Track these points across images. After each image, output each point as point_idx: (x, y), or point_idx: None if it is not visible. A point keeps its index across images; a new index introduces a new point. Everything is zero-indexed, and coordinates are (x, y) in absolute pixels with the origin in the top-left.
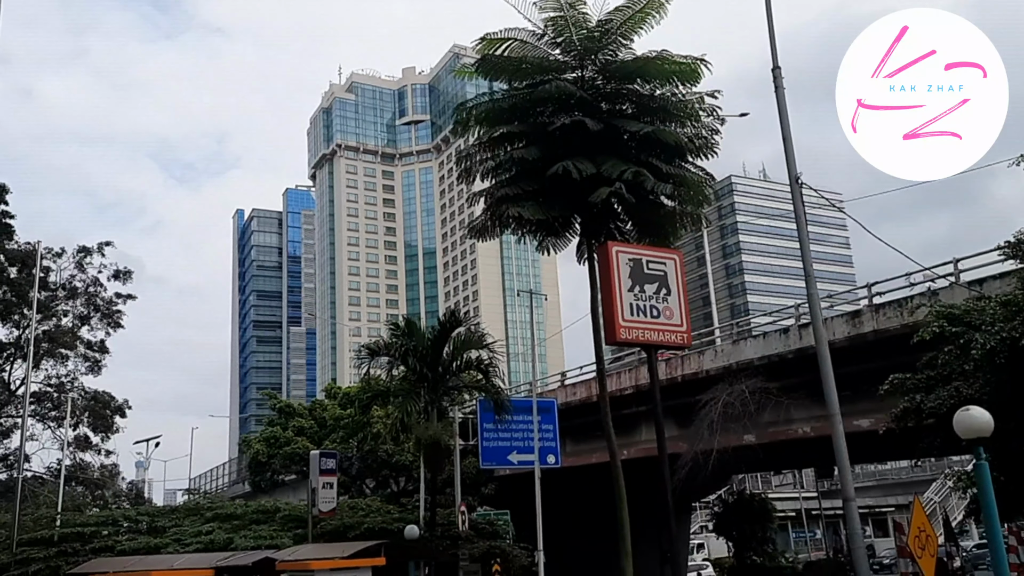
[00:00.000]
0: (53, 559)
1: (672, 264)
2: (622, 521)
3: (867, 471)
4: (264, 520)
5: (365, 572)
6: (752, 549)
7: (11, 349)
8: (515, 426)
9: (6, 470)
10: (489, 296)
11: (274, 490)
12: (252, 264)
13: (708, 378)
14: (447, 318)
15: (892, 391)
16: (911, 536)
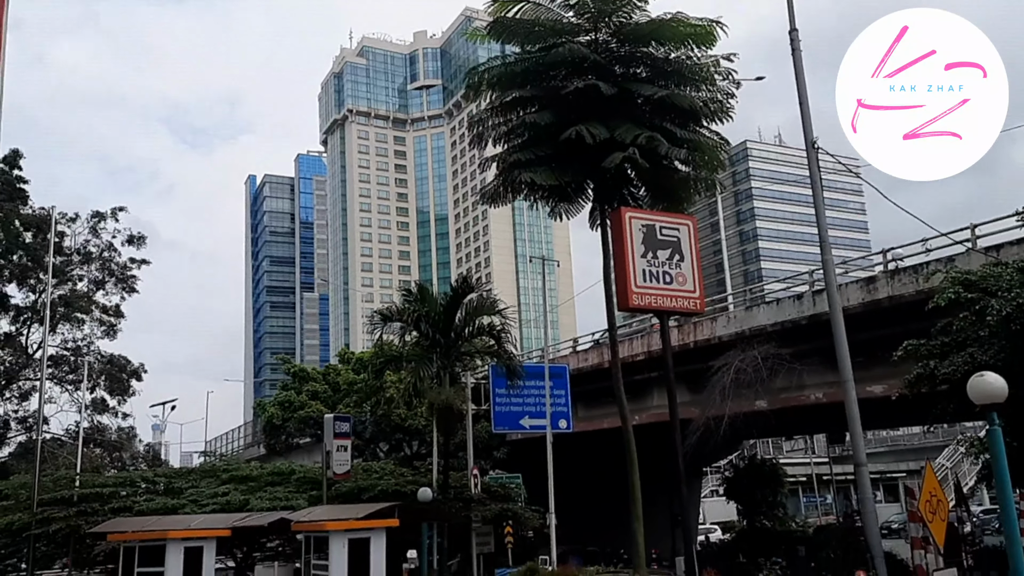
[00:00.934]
0: (73, 518)
1: (685, 230)
2: (633, 485)
3: (879, 437)
4: (279, 482)
5: (379, 533)
6: (762, 513)
7: (28, 313)
8: (527, 391)
9: (25, 432)
10: (501, 262)
11: (289, 453)
12: (265, 230)
13: (721, 344)
14: (459, 284)
15: (906, 357)
16: (922, 500)
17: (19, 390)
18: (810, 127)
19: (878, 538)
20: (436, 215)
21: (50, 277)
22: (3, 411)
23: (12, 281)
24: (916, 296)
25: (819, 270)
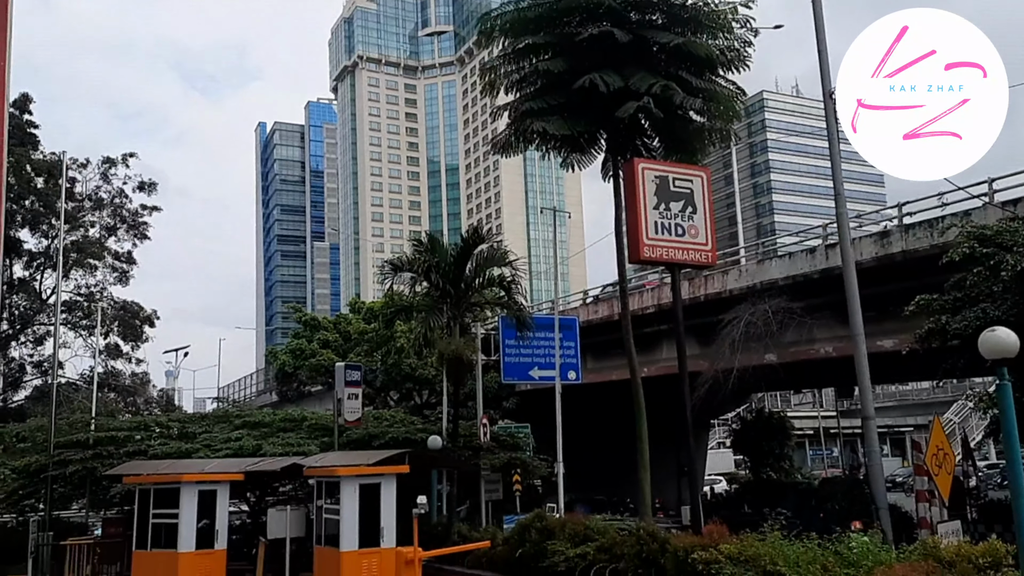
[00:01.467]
0: (89, 461)
1: (699, 182)
2: (641, 436)
3: (887, 391)
4: (291, 428)
5: (389, 479)
6: (768, 465)
7: (41, 259)
8: (537, 343)
9: (41, 376)
10: (512, 214)
11: (301, 400)
12: (275, 178)
13: (731, 298)
14: (470, 235)
15: (918, 312)
16: (929, 454)
17: (34, 335)
18: (828, 76)
19: (883, 490)
20: (447, 165)
21: (62, 223)
22: (19, 355)
23: (25, 226)
24: (930, 251)
25: (833, 224)
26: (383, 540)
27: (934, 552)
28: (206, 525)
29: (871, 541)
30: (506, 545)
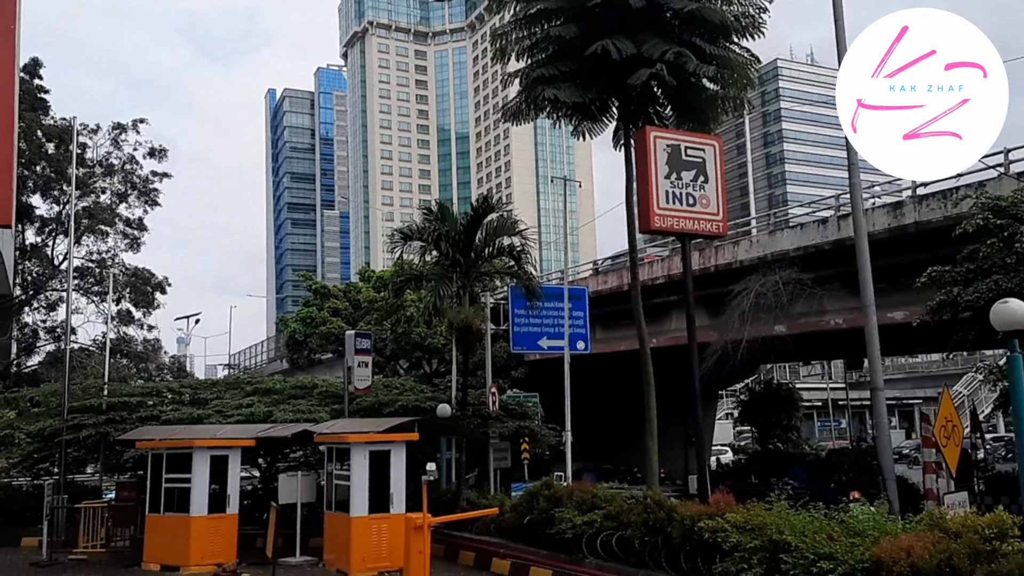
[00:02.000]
0: (102, 426)
1: (711, 151)
2: (649, 405)
3: (897, 364)
4: (302, 395)
5: (399, 446)
6: (776, 436)
7: (53, 224)
8: (546, 312)
9: (54, 342)
10: (522, 183)
11: (311, 368)
12: (285, 146)
13: (742, 268)
14: (480, 203)
15: (929, 284)
16: (937, 426)
17: (47, 300)
18: (844, 44)
19: (891, 461)
20: (457, 133)
21: (73, 188)
22: (32, 321)
23: (36, 192)
24: (943, 222)
25: (846, 194)
26: (392, 506)
27: (940, 522)
28: (218, 490)
29: (877, 511)
30: (514, 512)
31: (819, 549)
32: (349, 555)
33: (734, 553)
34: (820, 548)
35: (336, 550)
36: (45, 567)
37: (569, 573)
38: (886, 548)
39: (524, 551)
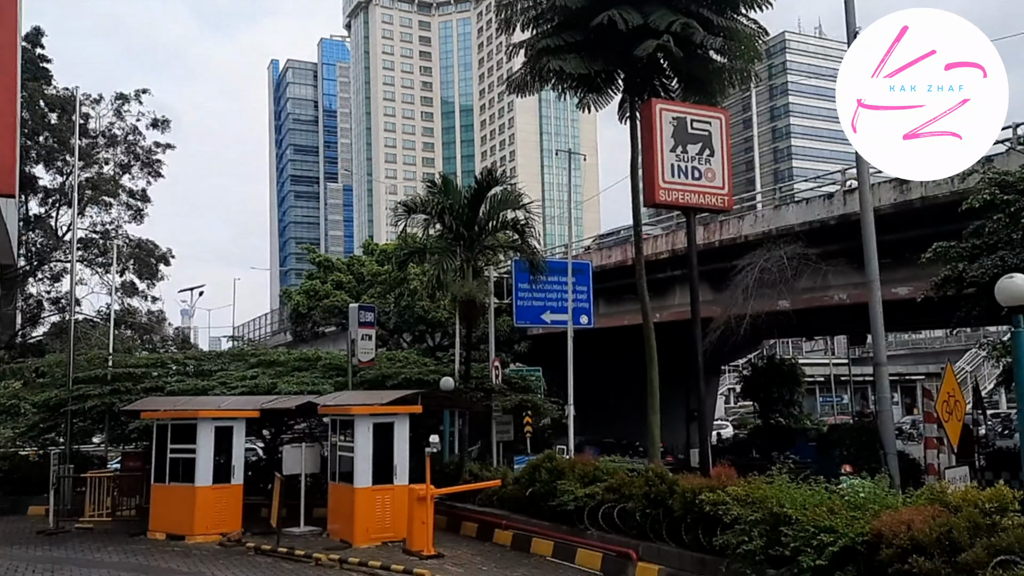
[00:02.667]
0: (107, 396)
1: (718, 123)
2: (651, 380)
3: (900, 340)
4: (306, 368)
5: (403, 418)
6: (778, 411)
7: (56, 195)
8: (549, 287)
9: (58, 312)
10: (526, 156)
11: (315, 341)
12: (288, 117)
13: (746, 243)
14: (484, 176)
15: (935, 259)
16: (940, 401)
17: (51, 271)
18: (853, 16)
19: (892, 435)
20: (461, 106)
21: (76, 159)
22: (36, 292)
23: (39, 163)
24: (950, 197)
25: (852, 169)
26: (396, 477)
27: (941, 496)
28: (223, 460)
29: (878, 485)
30: (517, 484)
31: (819, 522)
32: (353, 525)
33: (735, 526)
34: (820, 521)
35: (340, 520)
36: (52, 535)
37: (571, 544)
38: (886, 521)
39: (526, 523)
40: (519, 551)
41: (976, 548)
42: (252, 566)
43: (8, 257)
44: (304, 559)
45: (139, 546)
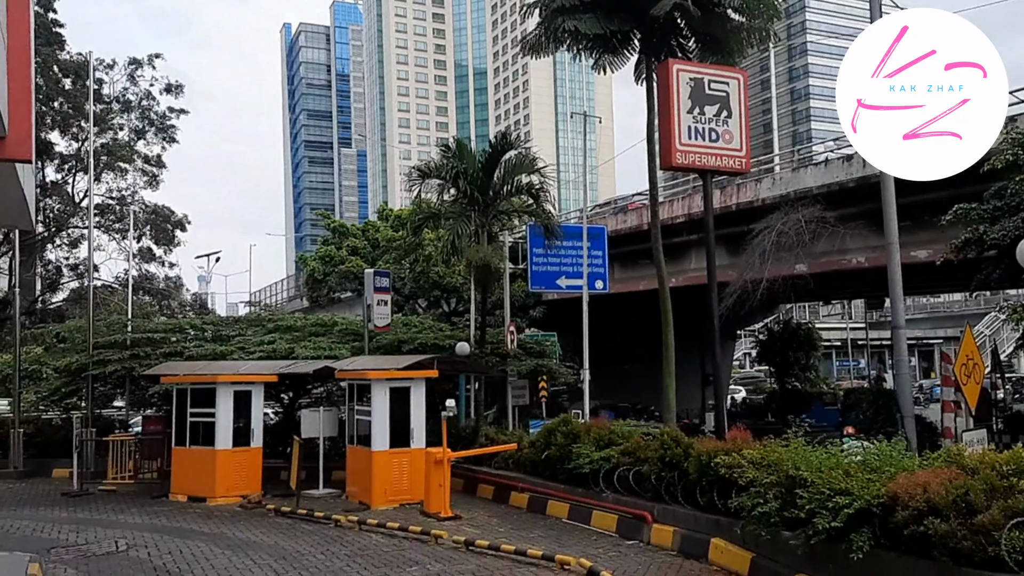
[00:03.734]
0: (127, 361)
1: (735, 84)
2: (667, 344)
3: (918, 304)
4: (322, 333)
5: (419, 383)
6: (793, 375)
7: (72, 161)
8: (564, 251)
9: (77, 279)
10: (541, 120)
11: (331, 306)
12: (301, 82)
13: (764, 207)
14: (498, 140)
15: (955, 221)
16: (958, 363)
17: (68, 238)
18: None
19: (909, 399)
20: (475, 69)
21: (91, 124)
22: (55, 258)
23: (55, 129)
24: None
25: None
26: (413, 441)
27: (958, 459)
28: (242, 424)
29: (895, 448)
30: (532, 448)
31: (835, 485)
32: (371, 488)
33: (750, 488)
34: (836, 484)
35: (358, 483)
36: (76, 497)
37: (586, 506)
38: (902, 484)
39: (542, 485)
40: (535, 513)
41: (993, 510)
42: (273, 527)
43: (27, 223)
44: (323, 520)
45: (161, 508)
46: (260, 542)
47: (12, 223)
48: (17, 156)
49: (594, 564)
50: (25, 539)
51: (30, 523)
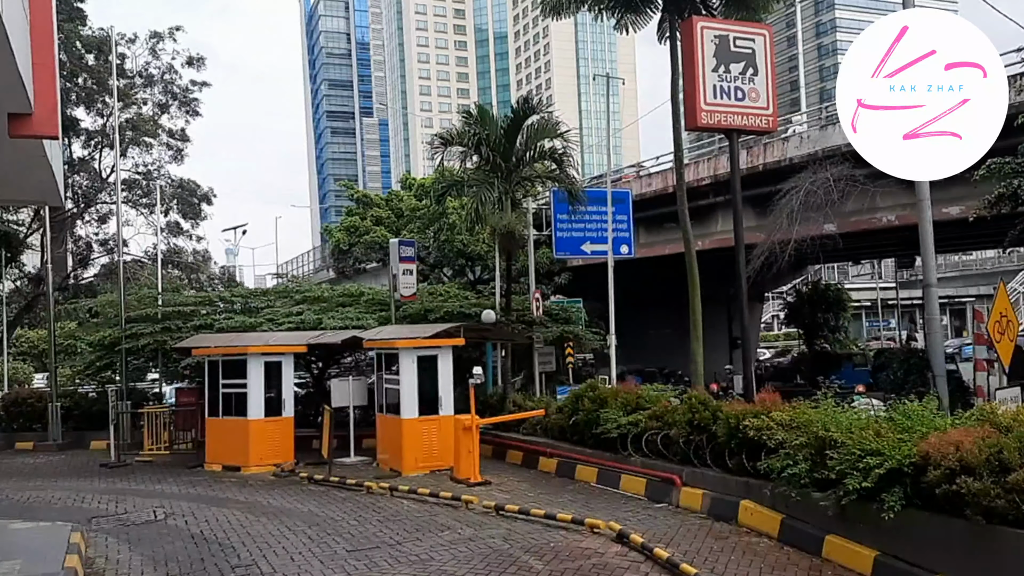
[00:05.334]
0: (159, 334)
1: (761, 41)
2: (694, 308)
3: (949, 262)
4: (350, 303)
5: (446, 351)
6: (823, 337)
7: (98, 137)
8: (589, 217)
9: (107, 254)
10: (563, 83)
11: (357, 277)
12: (321, 51)
13: (791, 166)
14: (520, 105)
15: (988, 176)
16: (992, 321)
17: (97, 213)
18: None
19: (941, 357)
20: (495, 33)
21: (115, 100)
22: (85, 234)
23: (80, 105)
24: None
25: None
26: (441, 408)
27: (991, 417)
28: (273, 394)
29: (926, 407)
30: (560, 413)
31: (865, 445)
32: (401, 455)
33: (779, 450)
34: (867, 444)
35: (389, 450)
36: (114, 468)
37: (614, 470)
38: (934, 443)
39: (570, 450)
40: (564, 478)
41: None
42: (306, 495)
43: (56, 199)
44: (356, 488)
45: (197, 477)
46: (294, 509)
47: (42, 199)
48: (44, 132)
49: (624, 527)
50: (66, 509)
51: (70, 494)
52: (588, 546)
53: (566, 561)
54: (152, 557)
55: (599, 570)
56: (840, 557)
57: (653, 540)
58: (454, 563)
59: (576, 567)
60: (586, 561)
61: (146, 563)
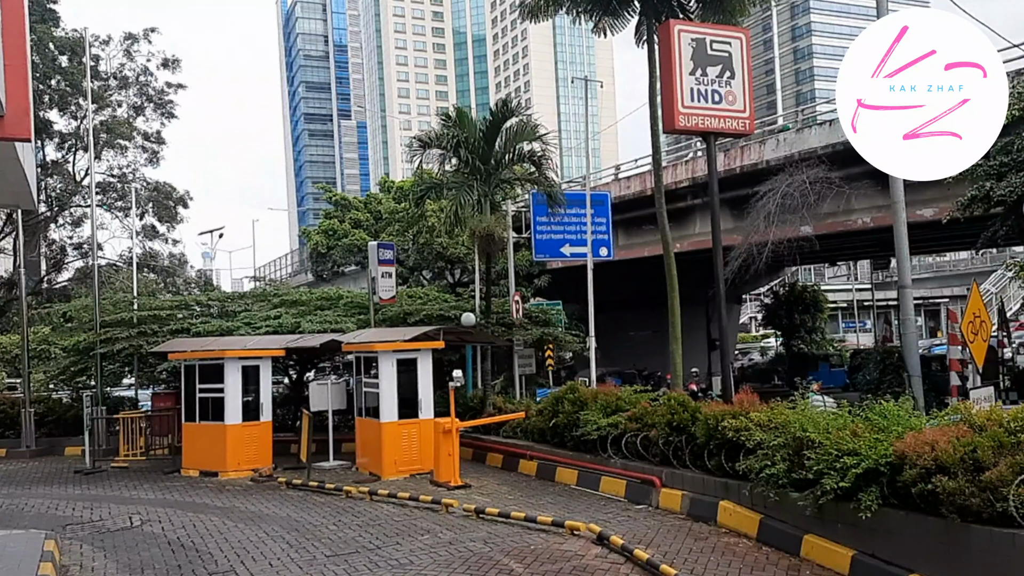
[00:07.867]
0: (134, 339)
1: (738, 44)
2: (673, 310)
3: (924, 263)
4: (328, 306)
5: (425, 354)
6: (799, 338)
7: (72, 140)
8: (568, 219)
9: (81, 258)
10: (541, 87)
11: (336, 280)
12: (299, 54)
13: (768, 169)
14: (499, 108)
15: (961, 178)
16: (965, 321)
17: (71, 216)
18: None
19: (916, 357)
20: (473, 36)
21: (90, 102)
22: (59, 237)
23: (53, 107)
24: None
25: None
26: (421, 411)
27: (966, 417)
28: (251, 399)
29: (902, 407)
30: (540, 416)
31: (842, 445)
32: (381, 459)
33: (758, 451)
34: (843, 444)
35: (368, 454)
36: (89, 474)
37: (595, 472)
38: (910, 443)
39: (550, 452)
40: (544, 480)
41: (1000, 467)
42: (285, 500)
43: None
44: (335, 492)
45: (174, 483)
46: (273, 514)
47: (14, 203)
48: (16, 135)
49: (604, 529)
50: (40, 516)
51: (44, 501)
52: (568, 548)
53: (546, 564)
54: (128, 564)
55: (579, 572)
56: (818, 556)
57: (633, 541)
58: (434, 567)
59: (556, 569)
60: (566, 563)
61: (121, 570)
